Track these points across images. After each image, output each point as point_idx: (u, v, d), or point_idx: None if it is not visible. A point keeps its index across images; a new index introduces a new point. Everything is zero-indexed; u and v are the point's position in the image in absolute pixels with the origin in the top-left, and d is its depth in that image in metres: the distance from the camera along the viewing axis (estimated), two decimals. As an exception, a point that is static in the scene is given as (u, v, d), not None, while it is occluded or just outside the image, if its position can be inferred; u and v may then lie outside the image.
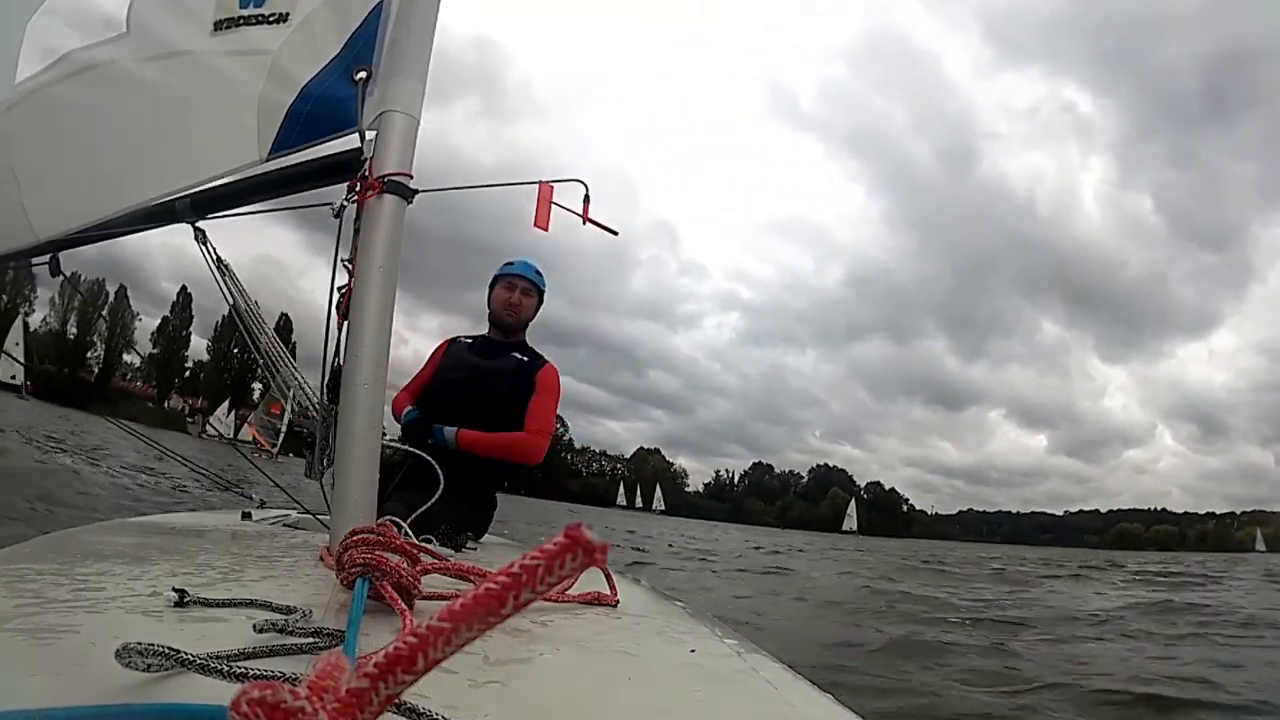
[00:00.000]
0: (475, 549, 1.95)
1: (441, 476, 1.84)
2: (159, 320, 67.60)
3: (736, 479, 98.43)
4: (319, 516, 1.78)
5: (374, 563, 0.84)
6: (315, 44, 1.38)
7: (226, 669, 0.53)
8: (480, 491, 2.40)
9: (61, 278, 1.68)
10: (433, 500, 1.77)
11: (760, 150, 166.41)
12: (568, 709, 0.67)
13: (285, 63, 1.38)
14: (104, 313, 61.11)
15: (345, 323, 1.35)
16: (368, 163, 1.31)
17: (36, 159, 1.59)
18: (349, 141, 1.34)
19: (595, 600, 1.13)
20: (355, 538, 0.88)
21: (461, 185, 1.94)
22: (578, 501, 67.67)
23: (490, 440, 2.31)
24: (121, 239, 1.66)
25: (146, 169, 1.47)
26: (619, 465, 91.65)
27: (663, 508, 73.48)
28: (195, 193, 1.45)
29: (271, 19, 1.41)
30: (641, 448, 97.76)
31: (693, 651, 0.95)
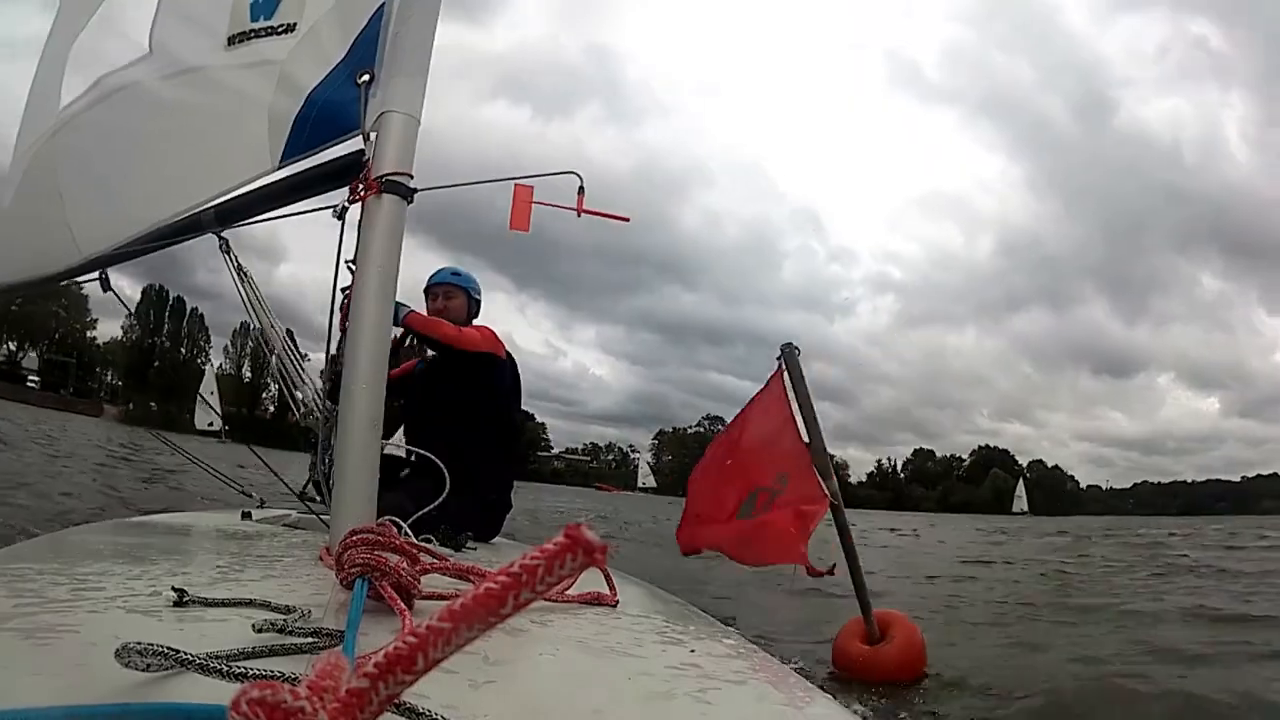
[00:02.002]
0: (475, 549, 1.95)
1: (448, 476, 1.86)
2: (325, 357, 72.66)
3: (899, 466, 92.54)
4: (322, 516, 1.78)
5: (373, 563, 0.84)
6: (321, 51, 1.40)
7: (226, 669, 0.53)
8: (490, 491, 2.43)
9: (111, 292, 1.75)
10: (437, 502, 1.78)
11: (891, 125, 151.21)
12: (568, 709, 0.67)
13: (292, 71, 1.41)
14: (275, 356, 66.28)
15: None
16: (367, 163, 1.32)
17: (78, 180, 1.67)
18: (357, 144, 1.35)
19: (595, 600, 1.13)
20: (355, 538, 0.88)
21: (458, 183, 1.92)
22: None
23: (431, 322, 2.42)
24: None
25: (173, 183, 1.52)
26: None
27: None
28: (219, 204, 1.49)
29: (280, 30, 1.44)
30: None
31: (693, 651, 0.95)
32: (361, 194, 1.31)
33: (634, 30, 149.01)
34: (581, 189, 1.92)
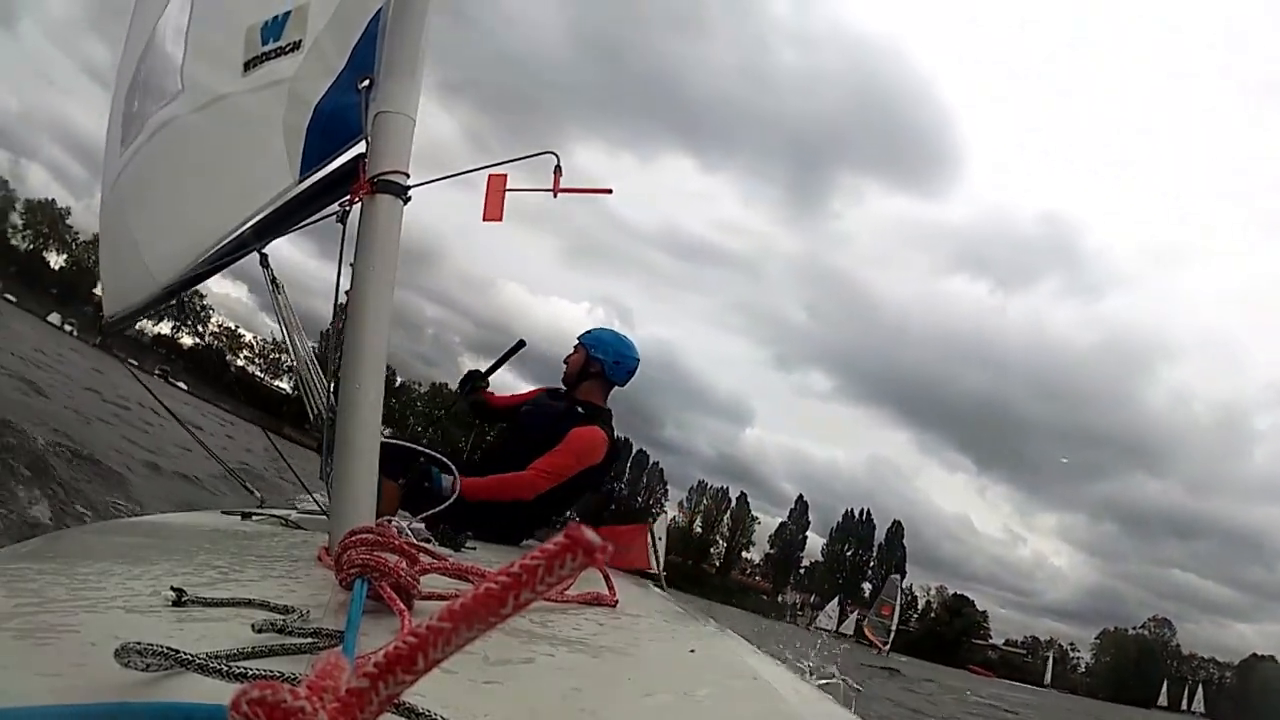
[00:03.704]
0: (475, 549, 1.96)
1: (458, 477, 1.88)
2: (778, 523, 75.95)
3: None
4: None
5: (373, 563, 0.84)
6: (324, 63, 1.45)
7: (226, 669, 0.53)
8: (525, 519, 2.49)
9: (186, 316, 2.04)
10: (444, 505, 1.80)
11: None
12: (568, 709, 0.67)
13: (300, 87, 1.47)
14: (727, 515, 73.97)
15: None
16: (362, 164, 1.33)
17: (141, 216, 1.84)
18: (362, 148, 1.39)
19: (595, 600, 1.14)
20: (354, 538, 0.88)
21: (449, 174, 1.86)
22: (1149, 708, 58.56)
23: (483, 485, 2.33)
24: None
25: (216, 208, 1.63)
26: (1226, 674, 73.50)
27: (1201, 709, 61.79)
28: (255, 222, 1.58)
29: (288, 49, 1.49)
30: (1254, 654, 75.28)
31: (693, 651, 0.95)
32: (355, 195, 1.32)
33: (1088, 195, 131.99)
34: (558, 168, 1.83)
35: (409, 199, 1.33)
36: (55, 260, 63.06)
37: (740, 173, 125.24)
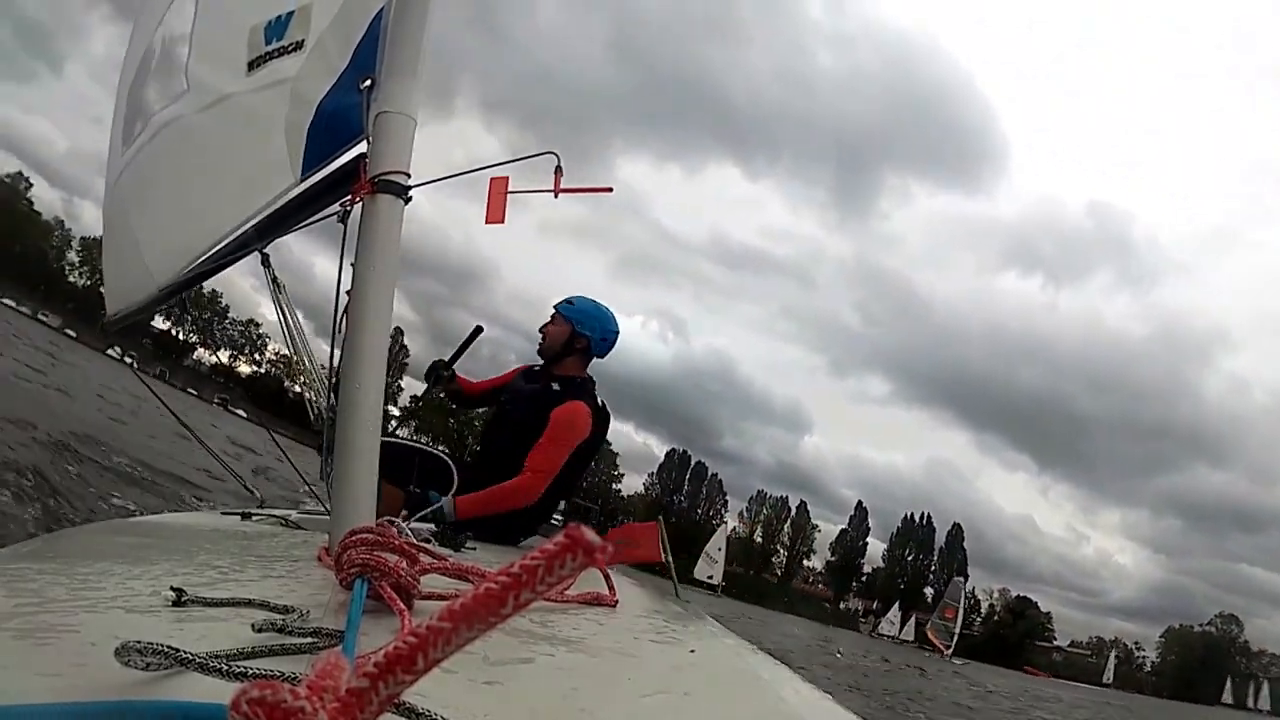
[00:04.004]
0: (475, 549, 1.96)
1: (456, 476, 1.88)
2: (838, 530, 75.95)
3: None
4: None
5: (373, 563, 0.84)
6: (327, 62, 1.46)
7: (226, 668, 0.53)
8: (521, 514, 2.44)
9: (188, 315, 2.04)
10: (438, 504, 1.80)
11: None
12: (568, 709, 0.67)
13: (302, 86, 1.47)
14: (787, 524, 74.91)
15: None
16: (363, 164, 1.33)
17: (143, 215, 1.85)
18: (364, 148, 1.39)
19: (595, 600, 1.14)
20: (354, 538, 0.88)
21: (451, 175, 1.85)
22: (1213, 705, 56.16)
23: (483, 500, 2.27)
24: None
25: (217, 208, 1.63)
26: (1297, 671, 69.32)
27: (1268, 707, 57.42)
28: (256, 222, 1.59)
29: (290, 48, 1.50)
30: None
31: (693, 651, 0.95)
32: (355, 194, 1.33)
33: (1134, 184, 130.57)
34: (559, 169, 1.82)
35: (410, 199, 1.33)
36: (113, 295, 64.21)
37: (785, 178, 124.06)
